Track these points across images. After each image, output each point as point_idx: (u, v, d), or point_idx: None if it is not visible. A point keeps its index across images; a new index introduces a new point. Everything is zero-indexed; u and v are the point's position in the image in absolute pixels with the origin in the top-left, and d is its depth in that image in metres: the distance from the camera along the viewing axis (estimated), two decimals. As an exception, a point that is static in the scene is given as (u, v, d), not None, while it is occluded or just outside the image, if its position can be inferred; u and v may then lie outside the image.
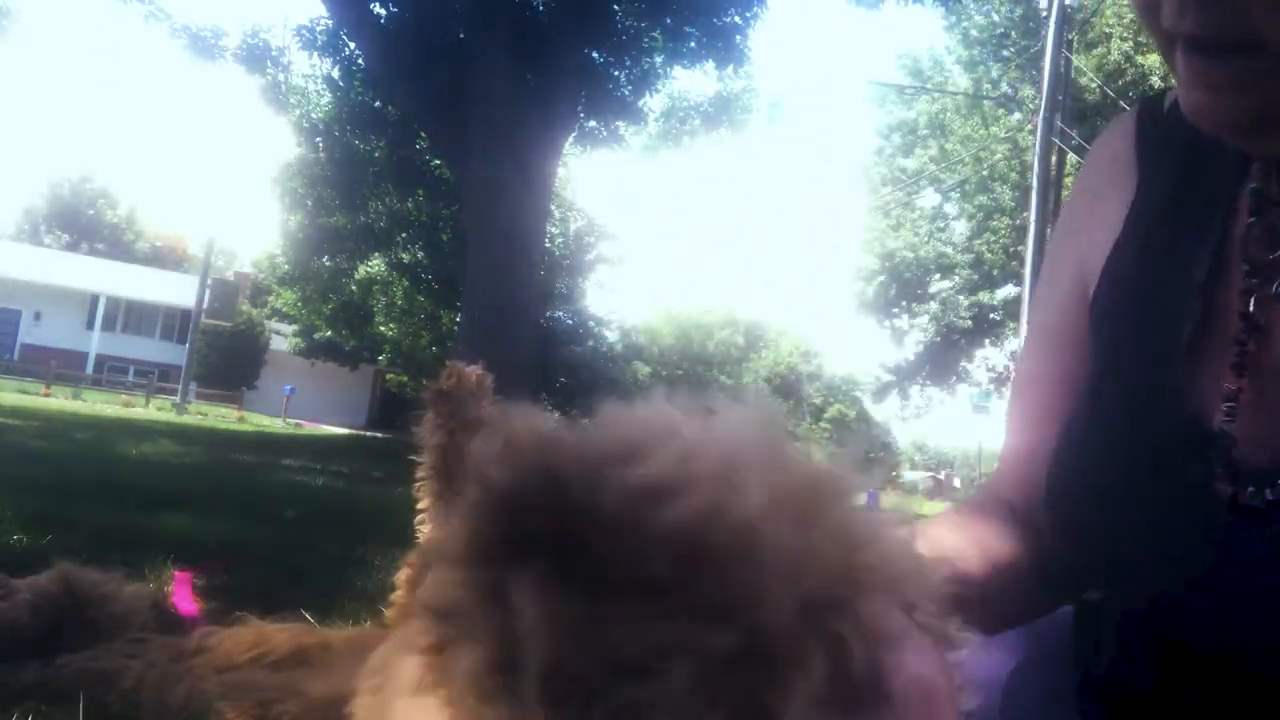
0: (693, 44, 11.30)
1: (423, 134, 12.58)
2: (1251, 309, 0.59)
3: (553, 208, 15.00)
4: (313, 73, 13.23)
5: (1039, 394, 0.79)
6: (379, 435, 17.34)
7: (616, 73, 11.78)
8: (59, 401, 17.02)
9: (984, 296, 24.23)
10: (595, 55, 11.31)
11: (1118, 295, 0.69)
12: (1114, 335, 0.68)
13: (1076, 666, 0.80)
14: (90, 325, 33.11)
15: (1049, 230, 14.38)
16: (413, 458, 1.07)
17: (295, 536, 3.07)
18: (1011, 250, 22.02)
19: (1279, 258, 0.59)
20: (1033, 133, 15.29)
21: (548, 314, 24.25)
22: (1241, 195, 0.63)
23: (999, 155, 22.30)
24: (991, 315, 24.67)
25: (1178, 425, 0.61)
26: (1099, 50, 20.83)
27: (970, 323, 24.49)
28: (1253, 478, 0.56)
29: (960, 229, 25.26)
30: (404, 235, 18.33)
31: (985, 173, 22.88)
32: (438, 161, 13.65)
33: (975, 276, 24.16)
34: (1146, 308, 0.66)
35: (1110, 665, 0.67)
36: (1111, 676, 0.68)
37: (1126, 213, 0.71)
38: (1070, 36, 15.52)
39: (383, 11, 10.68)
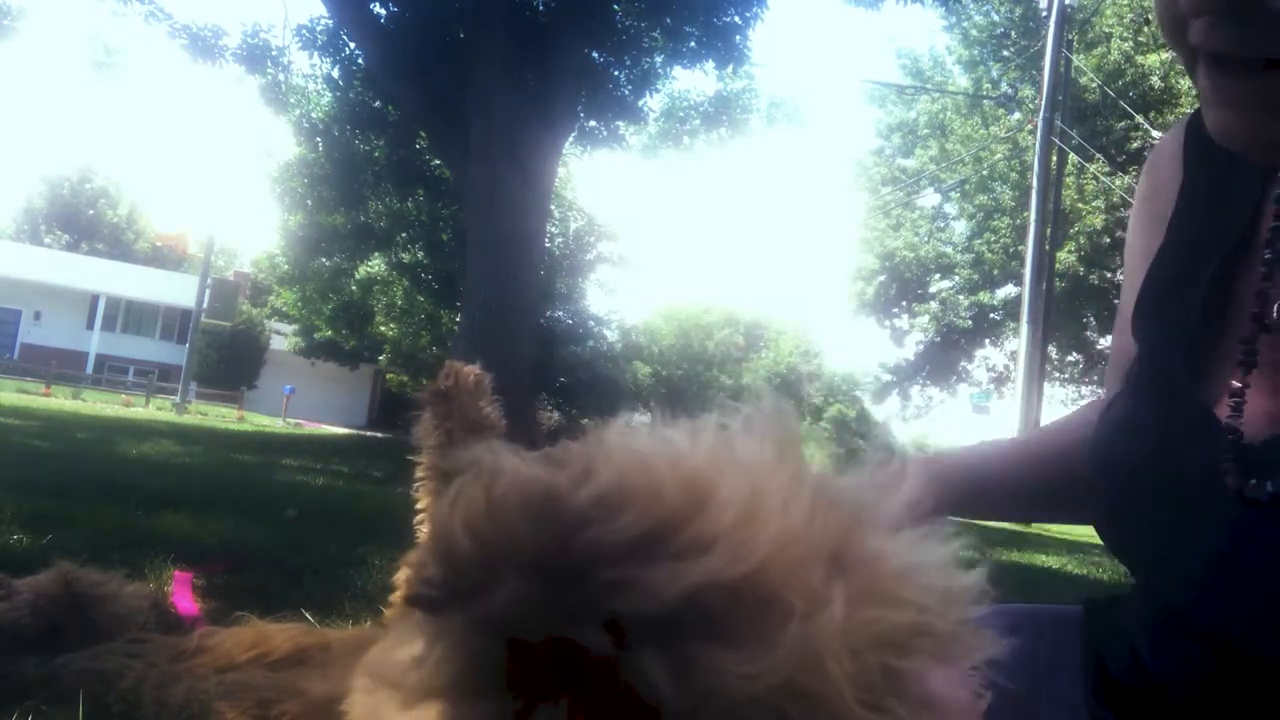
0: (693, 44, 11.29)
1: (423, 134, 12.58)
2: (1262, 309, 0.61)
3: (553, 208, 15.00)
4: (313, 73, 13.24)
5: (1114, 376, 0.84)
6: (379, 435, 17.34)
7: (616, 73, 11.78)
8: (59, 401, 17.01)
9: (984, 296, 24.22)
10: (595, 55, 11.31)
11: (1156, 288, 0.73)
12: (1147, 326, 0.72)
13: (1085, 668, 0.80)
14: (90, 325, 33.11)
15: (1049, 230, 14.38)
16: (411, 458, 1.07)
17: (295, 536, 3.07)
18: (1011, 250, 22.01)
19: None
20: (1033, 133, 15.29)
21: (548, 314, 24.23)
22: (1269, 199, 0.64)
23: (999, 155, 22.29)
24: (991, 315, 24.65)
25: (1188, 414, 0.63)
26: (1099, 50, 20.82)
27: (970, 323, 24.47)
28: (1257, 471, 0.58)
29: (960, 229, 25.25)
30: (404, 235, 18.33)
31: (985, 173, 22.88)
32: (438, 161, 13.65)
33: (975, 276, 24.15)
34: (1172, 302, 0.69)
35: (1131, 665, 0.68)
36: (1132, 676, 0.68)
37: (1172, 213, 0.75)
38: (1070, 36, 15.52)
39: (383, 11, 10.68)
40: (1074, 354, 24.26)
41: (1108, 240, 20.66)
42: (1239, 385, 0.60)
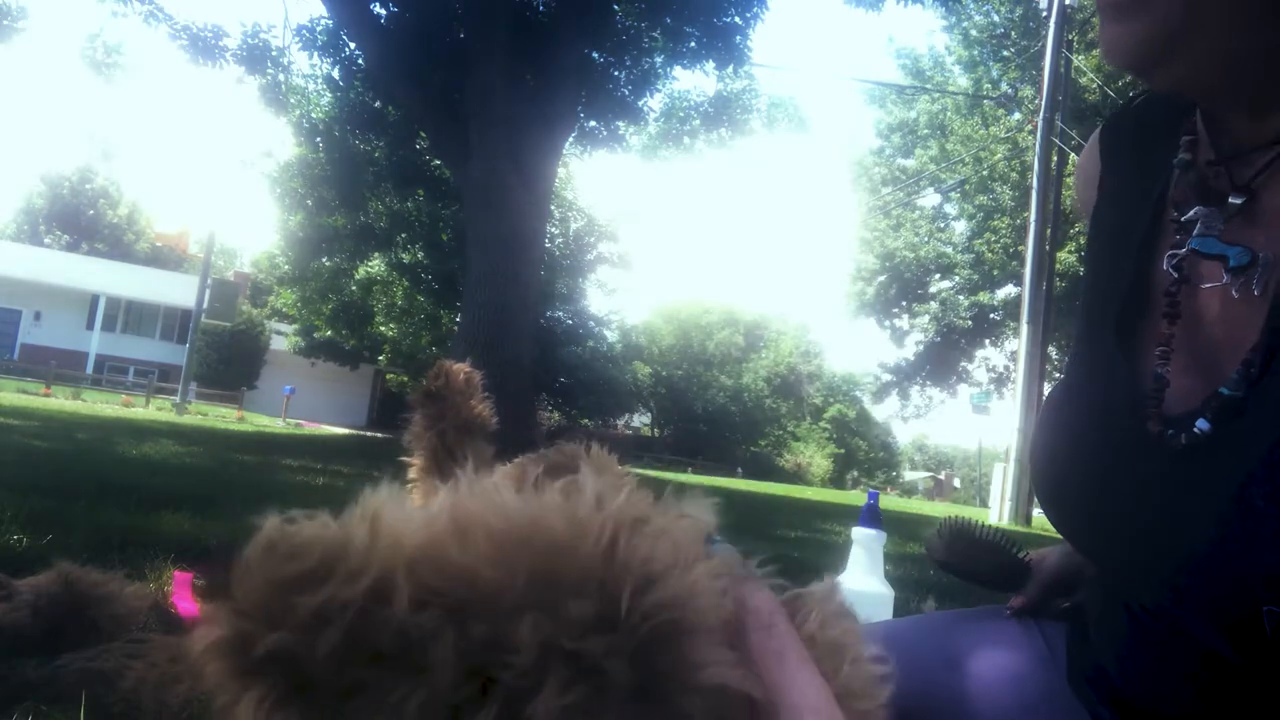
0: (693, 44, 11.30)
1: (423, 134, 12.58)
2: (1165, 259, 0.66)
3: (553, 208, 14.99)
4: (313, 73, 13.25)
5: None
6: (379, 435, 17.35)
7: (616, 73, 11.78)
8: (59, 401, 17.01)
9: (984, 296, 24.22)
10: (595, 55, 11.31)
11: (1088, 274, 0.79)
12: (1080, 310, 0.77)
13: (1070, 667, 0.80)
14: (90, 325, 33.11)
15: (1049, 230, 14.38)
16: (406, 459, 1.07)
17: (295, 536, 3.06)
18: (1011, 250, 22.02)
19: (1195, 214, 0.64)
20: (1033, 133, 15.29)
21: (548, 314, 24.24)
22: (1175, 169, 0.69)
23: (999, 155, 22.29)
24: (991, 315, 24.66)
25: (1116, 383, 0.67)
26: (1099, 50, 20.82)
27: (970, 323, 24.48)
28: (1176, 421, 0.61)
29: (960, 229, 25.26)
30: (404, 235, 18.34)
31: (985, 173, 22.88)
32: (438, 161, 13.66)
33: (975, 276, 24.15)
34: (1098, 282, 0.74)
35: (1106, 687, 0.69)
36: (1107, 672, 0.69)
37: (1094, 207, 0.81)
38: (1070, 36, 15.52)
39: (383, 11, 10.68)
40: (1074, 354, 24.26)
41: (1108, 240, 20.66)
42: (1166, 334, 0.64)
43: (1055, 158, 14.43)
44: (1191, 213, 0.64)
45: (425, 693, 0.30)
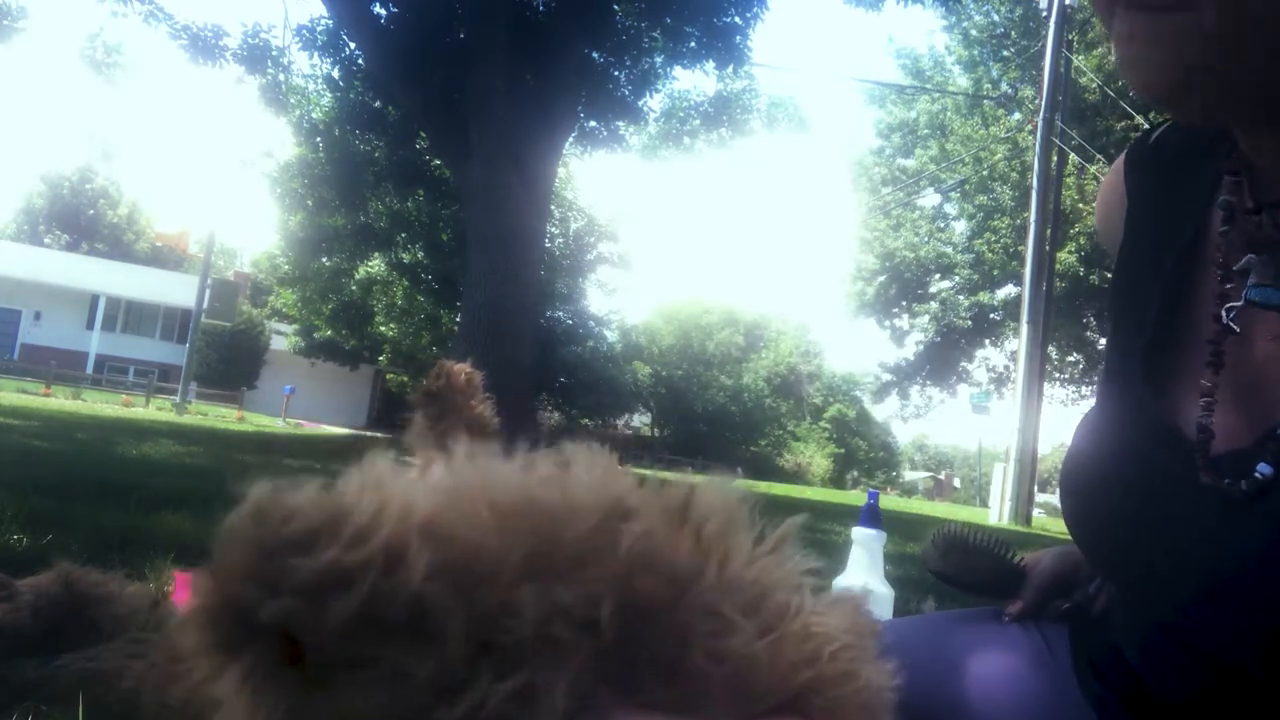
0: (693, 44, 11.30)
1: (423, 134, 12.58)
2: (1223, 312, 0.64)
3: (553, 208, 15.00)
4: (313, 73, 13.25)
5: None
6: (379, 435, 17.35)
7: (616, 73, 11.78)
8: (59, 401, 16.99)
9: (984, 296, 24.21)
10: (595, 55, 11.31)
11: (1113, 304, 0.77)
12: (1110, 339, 0.76)
13: (1077, 670, 0.81)
14: (90, 325, 33.10)
15: (1049, 230, 14.38)
16: (405, 459, 1.07)
17: (295, 536, 3.05)
18: (1011, 250, 22.01)
19: (1248, 263, 0.63)
20: (1033, 133, 15.29)
21: (548, 314, 24.24)
22: (1214, 207, 0.68)
23: (999, 155, 22.29)
24: (991, 315, 24.64)
25: (1151, 424, 0.66)
26: (1099, 50, 20.82)
27: (970, 323, 24.46)
28: (1229, 469, 0.60)
29: (960, 229, 25.24)
30: (404, 235, 18.33)
31: (985, 173, 22.87)
32: (438, 161, 13.66)
33: (975, 276, 24.14)
34: (1127, 316, 0.73)
35: (1127, 681, 0.69)
36: (1129, 692, 0.69)
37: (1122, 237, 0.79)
38: (1070, 36, 15.52)
39: (383, 11, 10.69)
40: (1074, 354, 24.26)
41: (1108, 240, 20.64)
42: (1209, 385, 0.62)
43: (1055, 158, 14.43)
44: (1244, 261, 0.63)
45: (433, 665, 0.29)
